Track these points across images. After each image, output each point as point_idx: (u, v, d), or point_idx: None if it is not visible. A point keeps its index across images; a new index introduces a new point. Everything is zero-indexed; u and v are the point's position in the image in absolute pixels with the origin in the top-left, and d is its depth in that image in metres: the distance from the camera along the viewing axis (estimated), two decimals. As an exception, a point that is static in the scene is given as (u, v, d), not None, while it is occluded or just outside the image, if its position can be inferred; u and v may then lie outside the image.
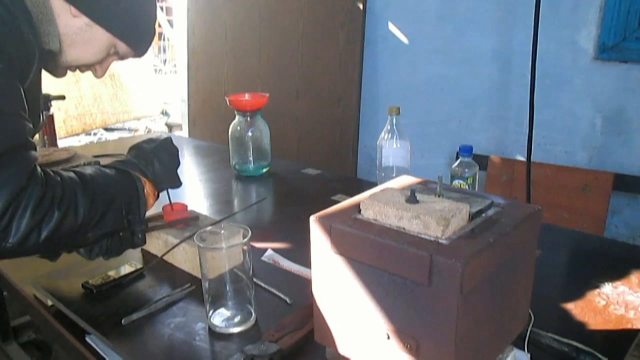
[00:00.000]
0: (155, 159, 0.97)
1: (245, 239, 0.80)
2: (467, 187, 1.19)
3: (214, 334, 0.81)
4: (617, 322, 0.84)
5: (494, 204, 0.66)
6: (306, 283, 0.91)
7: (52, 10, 0.82)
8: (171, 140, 1.03)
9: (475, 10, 2.10)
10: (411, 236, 0.57)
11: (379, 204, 0.62)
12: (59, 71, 0.93)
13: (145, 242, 0.94)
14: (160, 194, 1.00)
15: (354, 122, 2.45)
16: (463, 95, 2.21)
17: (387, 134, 1.29)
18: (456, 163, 1.21)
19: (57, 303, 0.91)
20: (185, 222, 1.05)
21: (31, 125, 0.78)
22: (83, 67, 0.94)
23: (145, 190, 0.92)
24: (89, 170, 0.86)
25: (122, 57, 0.97)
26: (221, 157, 1.83)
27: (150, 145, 0.99)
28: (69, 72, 0.96)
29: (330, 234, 0.62)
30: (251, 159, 1.62)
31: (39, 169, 0.75)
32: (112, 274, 0.96)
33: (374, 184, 1.26)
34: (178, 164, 1.02)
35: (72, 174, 0.82)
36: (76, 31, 0.86)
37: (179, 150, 1.04)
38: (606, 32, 1.79)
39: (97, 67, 0.94)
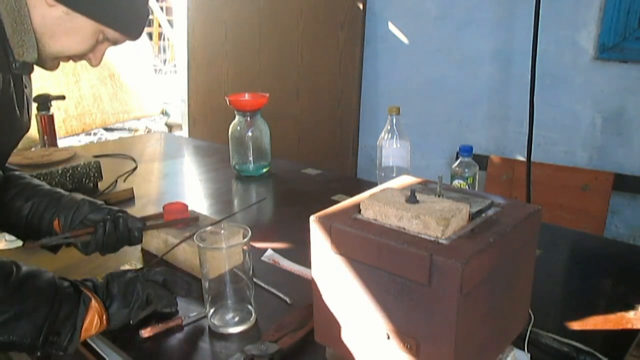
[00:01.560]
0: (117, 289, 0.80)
1: (245, 239, 0.80)
2: (467, 187, 1.19)
3: (214, 334, 0.81)
4: (617, 322, 0.84)
5: (494, 204, 0.66)
6: (306, 283, 0.91)
7: (29, 16, 0.76)
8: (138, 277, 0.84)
9: (475, 10, 2.10)
10: (411, 236, 0.57)
11: (379, 204, 0.62)
12: (47, 64, 0.86)
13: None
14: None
15: (354, 122, 2.45)
16: (463, 95, 2.21)
17: (387, 134, 1.29)
18: (456, 163, 1.21)
19: (57, 303, 0.90)
20: (185, 222, 1.05)
21: None
22: (75, 58, 0.87)
23: (89, 313, 0.75)
24: (34, 267, 0.75)
25: (115, 43, 0.89)
26: (221, 157, 1.83)
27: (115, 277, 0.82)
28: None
29: (330, 234, 0.62)
30: (251, 159, 1.62)
31: None
32: (112, 274, 0.96)
33: (374, 184, 1.26)
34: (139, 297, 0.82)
35: (6, 261, 0.72)
36: (55, 22, 0.79)
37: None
38: (606, 32, 1.79)
39: (90, 56, 0.87)
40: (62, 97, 1.85)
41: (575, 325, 0.83)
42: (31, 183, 1.02)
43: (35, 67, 0.86)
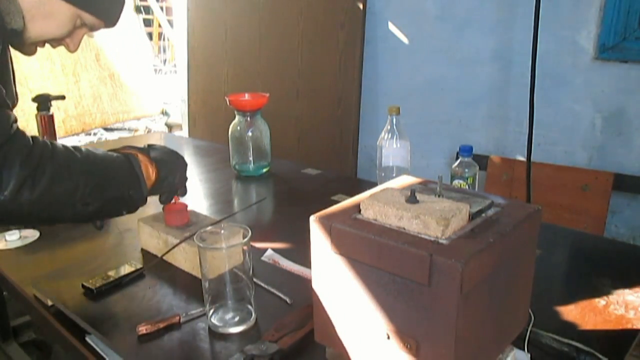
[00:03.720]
0: (160, 151, 0.97)
1: (245, 239, 0.80)
2: (467, 187, 1.19)
3: (214, 334, 0.81)
4: (617, 322, 0.84)
5: (494, 204, 0.66)
6: (306, 283, 0.91)
7: None
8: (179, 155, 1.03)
9: (475, 10, 2.10)
10: (411, 236, 0.57)
11: (379, 204, 0.61)
12: (25, 48, 0.89)
13: (146, 202, 0.93)
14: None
15: (354, 122, 2.45)
16: (463, 95, 2.21)
17: (387, 134, 1.29)
18: (456, 163, 1.21)
19: (57, 303, 0.91)
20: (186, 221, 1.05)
21: (4, 90, 0.75)
22: (53, 43, 0.90)
23: (142, 165, 0.90)
24: (82, 147, 0.85)
25: (92, 29, 0.92)
26: (221, 157, 1.83)
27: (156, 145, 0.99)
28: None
29: (330, 234, 0.62)
30: (251, 159, 1.62)
31: (21, 130, 0.73)
32: (112, 274, 0.96)
33: (374, 184, 1.26)
34: (181, 164, 1.02)
35: (64, 144, 0.80)
36: (34, 5, 0.81)
37: (179, 151, 1.04)
38: (606, 32, 1.79)
39: (67, 41, 0.90)
40: (62, 97, 1.85)
41: (575, 325, 0.83)
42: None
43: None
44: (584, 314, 0.86)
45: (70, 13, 0.85)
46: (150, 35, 6.74)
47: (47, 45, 0.91)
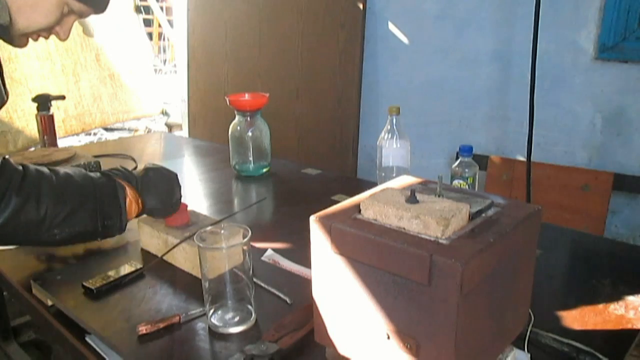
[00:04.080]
0: (151, 182, 0.96)
1: (245, 239, 0.80)
2: (467, 187, 1.19)
3: (214, 334, 0.81)
4: (617, 322, 0.84)
5: (494, 204, 0.66)
6: (306, 283, 0.91)
7: None
8: (175, 176, 1.03)
9: (475, 10, 2.10)
10: (411, 236, 0.57)
11: (379, 204, 0.61)
12: (15, 41, 0.87)
13: (124, 231, 0.93)
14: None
15: (354, 122, 2.45)
16: (463, 95, 2.21)
17: (387, 134, 1.29)
18: (456, 163, 1.21)
19: (57, 303, 0.91)
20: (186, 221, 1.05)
21: None
22: (43, 33, 0.88)
23: (127, 199, 0.90)
24: (66, 169, 0.85)
25: (81, 15, 0.90)
26: (221, 157, 1.83)
27: (152, 168, 1.00)
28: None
29: (330, 234, 0.62)
30: (251, 159, 1.62)
31: None
32: (112, 274, 0.96)
33: (374, 184, 1.26)
34: (173, 194, 1.01)
35: (42, 168, 0.80)
36: None
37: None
38: (606, 32, 1.79)
39: (57, 29, 0.89)
40: (62, 97, 1.85)
41: (575, 325, 0.83)
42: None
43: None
44: (584, 314, 0.86)
45: (56, 1, 0.84)
46: (150, 35, 6.73)
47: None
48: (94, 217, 0.84)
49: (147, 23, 6.97)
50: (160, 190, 0.99)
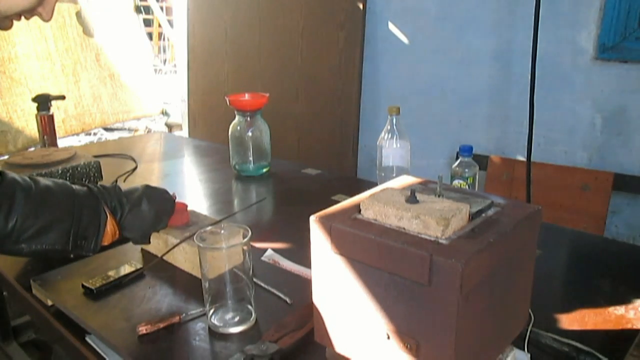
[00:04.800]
0: (138, 219, 0.92)
1: (245, 239, 0.80)
2: (467, 187, 1.19)
3: (214, 334, 0.81)
4: (617, 322, 0.84)
5: (494, 204, 0.66)
6: (306, 283, 0.91)
7: None
8: (170, 208, 0.99)
9: (475, 10, 2.10)
10: (411, 236, 0.57)
11: (379, 204, 0.61)
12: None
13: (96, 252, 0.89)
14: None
15: (354, 122, 2.45)
16: (463, 95, 2.21)
17: (387, 134, 1.29)
18: (456, 163, 1.21)
19: (57, 303, 0.91)
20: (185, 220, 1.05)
21: None
22: (26, 14, 0.86)
23: (107, 226, 0.87)
24: (50, 181, 0.81)
25: None
26: (221, 157, 1.83)
27: (148, 199, 0.95)
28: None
29: (330, 234, 0.62)
30: (251, 159, 1.62)
31: None
32: (112, 274, 0.96)
33: (374, 184, 1.26)
34: (159, 223, 0.98)
35: (23, 177, 0.77)
36: None
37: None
38: (606, 32, 1.79)
39: (39, 10, 0.86)
40: (62, 97, 1.85)
41: (575, 325, 0.83)
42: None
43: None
44: (584, 314, 0.86)
45: None
46: (150, 35, 6.74)
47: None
48: (66, 237, 0.80)
49: (147, 23, 6.97)
50: (146, 226, 0.95)
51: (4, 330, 1.65)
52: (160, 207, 0.97)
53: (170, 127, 4.48)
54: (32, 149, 2.60)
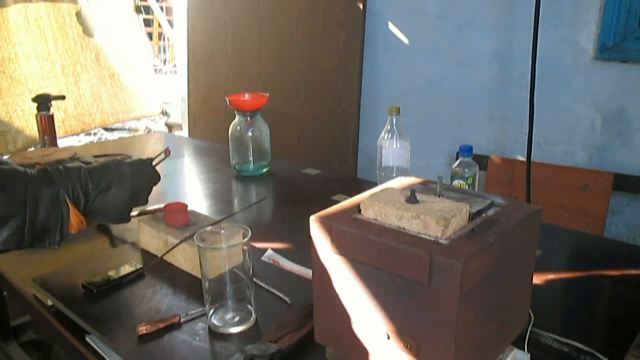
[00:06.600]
0: (109, 192, 0.85)
1: (245, 239, 0.80)
2: (467, 187, 1.19)
3: (214, 334, 0.81)
4: (617, 322, 0.84)
5: (494, 204, 0.66)
6: (306, 283, 0.91)
7: None
8: (152, 172, 0.93)
9: (475, 10, 2.10)
10: (411, 236, 0.57)
11: (379, 204, 0.61)
12: None
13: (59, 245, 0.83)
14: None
15: (354, 122, 2.45)
16: (463, 95, 2.21)
17: (387, 134, 1.29)
18: (456, 163, 1.21)
19: (57, 303, 0.91)
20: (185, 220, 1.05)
21: None
22: None
23: (69, 216, 0.80)
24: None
25: None
26: (221, 157, 1.83)
27: (119, 172, 0.87)
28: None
29: (330, 234, 0.62)
30: (251, 159, 1.62)
31: None
32: (112, 274, 0.96)
33: (374, 184, 1.26)
34: (137, 200, 0.92)
35: None
36: None
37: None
38: (606, 32, 1.79)
39: None
40: (62, 97, 1.85)
41: (575, 325, 0.83)
42: None
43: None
44: (584, 314, 0.86)
45: None
46: (150, 35, 6.73)
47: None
48: (19, 234, 0.73)
49: (147, 23, 6.96)
50: (119, 208, 0.88)
51: (4, 330, 1.65)
52: (137, 186, 0.90)
53: (170, 127, 4.48)
54: (32, 149, 2.60)
